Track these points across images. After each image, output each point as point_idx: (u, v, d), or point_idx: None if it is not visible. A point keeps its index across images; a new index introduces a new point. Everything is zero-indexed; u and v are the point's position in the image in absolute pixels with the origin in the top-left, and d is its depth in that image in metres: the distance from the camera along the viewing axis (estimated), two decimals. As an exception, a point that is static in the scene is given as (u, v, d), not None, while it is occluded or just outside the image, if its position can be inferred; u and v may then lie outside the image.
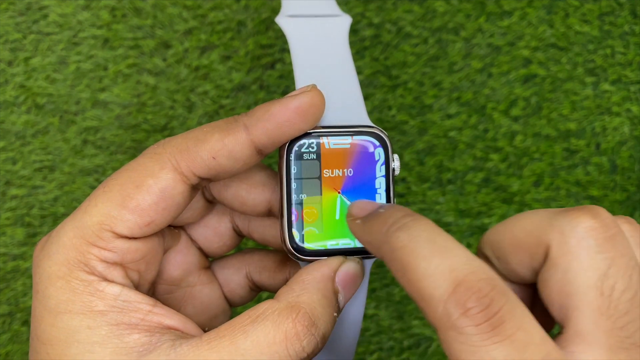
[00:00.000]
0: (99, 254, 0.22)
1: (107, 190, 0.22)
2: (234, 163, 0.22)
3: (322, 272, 0.22)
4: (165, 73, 0.40)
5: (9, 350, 0.39)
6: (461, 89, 0.40)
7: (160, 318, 0.22)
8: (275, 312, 0.21)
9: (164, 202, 0.22)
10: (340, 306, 0.23)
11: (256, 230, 0.27)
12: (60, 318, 0.21)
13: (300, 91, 0.22)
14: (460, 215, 0.40)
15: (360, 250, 0.24)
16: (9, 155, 0.39)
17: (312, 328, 0.21)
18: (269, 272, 0.27)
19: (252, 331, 0.20)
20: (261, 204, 0.25)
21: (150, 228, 0.22)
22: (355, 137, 0.24)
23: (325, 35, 0.25)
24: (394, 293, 0.39)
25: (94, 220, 0.22)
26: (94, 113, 0.40)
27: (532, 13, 0.41)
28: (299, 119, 0.22)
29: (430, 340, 0.39)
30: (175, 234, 0.26)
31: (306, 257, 0.23)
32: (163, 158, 0.22)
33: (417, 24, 0.40)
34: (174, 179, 0.22)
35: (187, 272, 0.27)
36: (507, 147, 0.40)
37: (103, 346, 0.21)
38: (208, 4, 0.40)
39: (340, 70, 0.24)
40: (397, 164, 0.24)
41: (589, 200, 0.40)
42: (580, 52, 0.40)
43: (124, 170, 0.22)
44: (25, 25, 0.40)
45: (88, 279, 0.21)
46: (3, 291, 0.39)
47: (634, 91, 0.40)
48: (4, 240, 0.39)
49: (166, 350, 0.20)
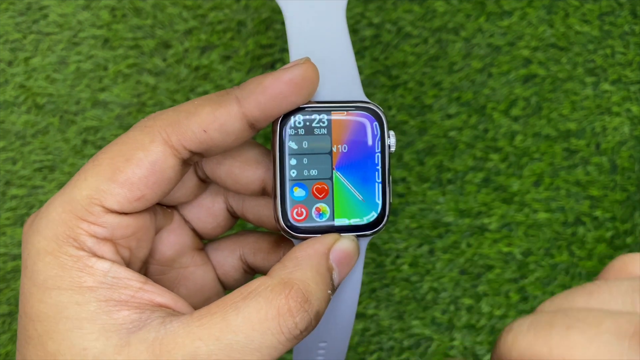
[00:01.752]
0: (88, 229, 0.21)
1: (96, 164, 0.22)
2: (225, 137, 0.22)
3: (316, 249, 0.22)
4: (165, 73, 0.40)
5: (9, 350, 0.39)
6: (461, 89, 0.40)
7: (151, 295, 0.21)
8: (268, 288, 0.20)
9: (154, 175, 0.22)
10: (335, 284, 0.22)
11: (250, 210, 0.26)
12: (49, 294, 0.21)
13: (293, 64, 0.22)
14: (460, 215, 0.40)
15: (355, 227, 0.23)
16: (9, 155, 0.39)
17: (306, 304, 0.21)
18: (263, 254, 0.27)
19: (244, 307, 0.20)
20: (255, 182, 0.25)
21: (141, 203, 0.22)
22: (349, 112, 0.23)
23: (322, 12, 0.24)
24: (394, 293, 0.39)
25: (83, 194, 0.21)
26: (94, 113, 0.40)
27: (532, 13, 0.41)
28: (292, 92, 0.22)
29: (430, 340, 0.39)
30: (168, 213, 0.26)
31: (300, 235, 0.23)
32: (153, 131, 0.22)
33: (417, 24, 0.40)
34: (164, 152, 0.22)
35: (180, 253, 0.26)
36: (507, 147, 0.40)
37: (92, 322, 0.20)
38: (208, 4, 0.40)
39: (335, 47, 0.24)
40: (393, 141, 0.24)
41: (589, 200, 0.40)
42: (580, 52, 0.40)
43: (114, 143, 0.22)
44: (25, 25, 0.40)
45: (77, 254, 0.21)
46: (3, 291, 0.39)
47: (634, 91, 0.40)
48: (4, 240, 0.39)
49: (156, 327, 0.20)
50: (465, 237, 0.39)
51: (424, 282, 0.39)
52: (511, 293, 0.39)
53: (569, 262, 0.40)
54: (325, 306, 0.21)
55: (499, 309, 0.39)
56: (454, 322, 0.39)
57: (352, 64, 0.24)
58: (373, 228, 0.23)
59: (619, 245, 0.40)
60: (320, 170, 0.23)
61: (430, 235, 0.40)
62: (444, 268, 0.39)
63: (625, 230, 0.40)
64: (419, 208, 0.40)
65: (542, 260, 0.40)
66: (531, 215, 0.40)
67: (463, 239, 0.39)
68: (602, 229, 0.40)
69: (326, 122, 0.23)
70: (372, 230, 0.24)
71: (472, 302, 0.39)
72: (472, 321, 0.39)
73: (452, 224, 0.40)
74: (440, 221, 0.40)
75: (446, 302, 0.39)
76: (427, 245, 0.40)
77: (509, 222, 0.40)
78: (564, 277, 0.40)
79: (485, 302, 0.39)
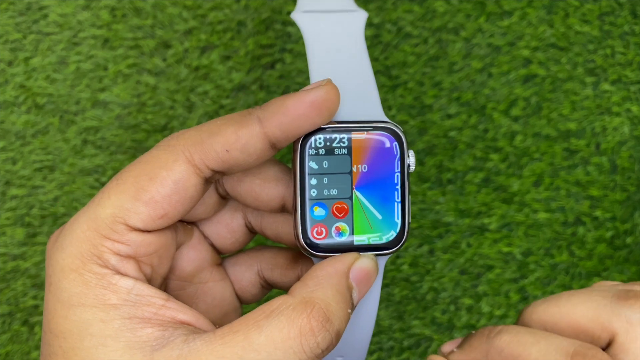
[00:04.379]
0: (112, 247, 0.21)
1: (120, 183, 0.22)
2: (247, 156, 0.22)
3: (337, 268, 0.22)
4: (165, 73, 0.40)
5: (9, 350, 0.39)
6: (461, 89, 0.40)
7: (173, 312, 0.21)
8: (290, 307, 0.21)
9: (177, 194, 0.22)
10: (354, 303, 0.23)
11: (269, 227, 0.27)
12: (73, 311, 0.21)
13: (315, 85, 0.22)
14: (460, 215, 0.40)
15: (374, 247, 0.23)
16: (9, 155, 0.39)
17: (327, 324, 0.21)
18: (281, 270, 0.27)
19: (266, 326, 0.20)
20: (275, 200, 0.25)
21: (164, 221, 0.22)
22: (369, 132, 0.23)
23: (340, 30, 0.25)
24: (394, 293, 0.39)
25: (107, 212, 0.22)
26: (94, 113, 0.40)
27: (532, 13, 0.41)
28: (314, 113, 0.22)
29: (430, 340, 0.39)
30: (188, 229, 0.26)
31: (319, 254, 0.23)
32: (177, 150, 0.22)
33: (417, 24, 0.40)
34: (187, 172, 0.22)
35: (200, 269, 0.26)
36: (507, 147, 0.40)
37: (116, 339, 0.20)
38: (208, 4, 0.40)
39: (355, 65, 0.24)
40: (413, 160, 0.24)
41: (589, 200, 0.40)
42: (580, 52, 0.40)
43: (138, 162, 0.22)
44: (25, 25, 0.40)
45: (101, 272, 0.21)
46: (3, 291, 0.39)
47: (634, 91, 0.40)
48: (4, 240, 0.39)
49: (179, 345, 0.20)
50: (465, 237, 0.39)
51: (424, 282, 0.39)
52: (511, 293, 0.39)
53: (569, 262, 0.40)
54: (345, 325, 0.22)
55: (499, 309, 0.39)
56: (454, 322, 0.39)
57: (372, 83, 0.24)
58: (392, 247, 0.24)
59: (619, 245, 0.40)
60: (340, 190, 0.23)
61: (430, 235, 0.40)
62: (444, 268, 0.39)
63: (625, 230, 0.40)
64: (419, 208, 0.40)
65: (542, 260, 0.40)
66: (531, 215, 0.40)
67: (463, 239, 0.39)
68: (602, 229, 0.40)
69: (346, 142, 0.23)
70: (391, 249, 0.24)
71: (472, 302, 0.39)
72: (472, 321, 0.39)
73: (452, 224, 0.40)
74: (440, 221, 0.40)
75: (446, 302, 0.39)
76: (427, 245, 0.40)
77: (509, 222, 0.40)
78: (564, 277, 0.40)
79: (485, 302, 0.39)
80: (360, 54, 0.24)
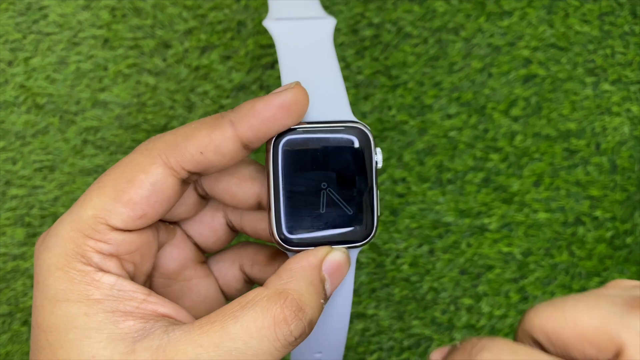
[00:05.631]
0: (94, 246, 0.23)
1: (101, 186, 0.23)
2: (221, 157, 0.23)
3: (309, 261, 0.23)
4: (165, 73, 0.40)
5: (9, 350, 0.39)
6: (461, 89, 0.40)
7: (154, 306, 0.23)
8: (264, 298, 0.22)
9: (155, 195, 0.23)
10: (327, 294, 0.24)
11: (248, 224, 0.28)
12: (59, 306, 0.22)
13: (284, 88, 0.23)
14: (460, 215, 0.40)
15: (346, 240, 0.25)
16: (9, 155, 0.39)
17: (300, 313, 0.22)
18: (260, 266, 0.28)
19: (242, 316, 0.21)
20: (251, 197, 0.26)
21: (143, 221, 0.23)
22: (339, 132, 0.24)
23: (310, 36, 0.26)
24: (394, 293, 0.39)
25: (89, 213, 0.23)
26: (94, 113, 0.40)
27: (532, 13, 0.41)
28: (282, 115, 0.23)
29: (430, 340, 0.39)
30: (171, 229, 0.27)
31: (293, 248, 0.24)
32: (153, 154, 0.23)
33: (417, 24, 0.40)
34: (164, 174, 0.23)
35: (184, 266, 0.27)
36: (507, 147, 0.40)
37: (99, 332, 0.22)
38: (208, 4, 0.40)
39: (324, 69, 0.25)
40: (380, 157, 0.25)
41: (589, 200, 0.40)
42: (580, 52, 0.40)
43: (117, 166, 0.24)
44: (25, 25, 0.40)
45: (85, 269, 0.22)
46: (3, 291, 0.39)
47: (634, 91, 0.40)
48: (4, 240, 0.39)
49: (160, 335, 0.21)
50: (465, 237, 0.40)
51: (424, 282, 0.39)
52: (511, 293, 0.39)
53: (569, 262, 0.40)
54: (318, 315, 0.23)
55: (499, 309, 0.39)
56: (454, 322, 0.39)
57: (341, 84, 0.25)
58: (362, 240, 0.25)
59: (619, 245, 0.40)
60: (312, 186, 0.24)
61: (430, 235, 0.40)
62: (444, 268, 0.39)
63: (625, 230, 0.40)
64: (419, 208, 0.40)
65: (542, 260, 0.40)
66: (531, 215, 0.40)
67: (463, 239, 0.40)
68: (602, 229, 0.40)
69: (316, 142, 0.24)
70: (361, 242, 0.25)
71: (472, 302, 0.39)
72: (472, 321, 0.39)
73: (452, 224, 0.40)
74: (440, 221, 0.40)
75: (446, 302, 0.39)
76: (427, 245, 0.40)
77: (509, 222, 0.40)
78: (564, 277, 0.40)
79: (485, 302, 0.39)
80: (329, 59, 0.25)
